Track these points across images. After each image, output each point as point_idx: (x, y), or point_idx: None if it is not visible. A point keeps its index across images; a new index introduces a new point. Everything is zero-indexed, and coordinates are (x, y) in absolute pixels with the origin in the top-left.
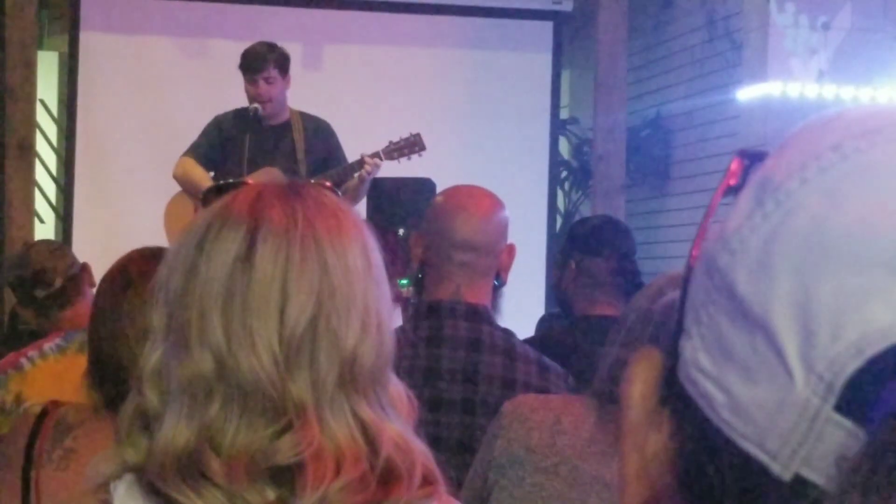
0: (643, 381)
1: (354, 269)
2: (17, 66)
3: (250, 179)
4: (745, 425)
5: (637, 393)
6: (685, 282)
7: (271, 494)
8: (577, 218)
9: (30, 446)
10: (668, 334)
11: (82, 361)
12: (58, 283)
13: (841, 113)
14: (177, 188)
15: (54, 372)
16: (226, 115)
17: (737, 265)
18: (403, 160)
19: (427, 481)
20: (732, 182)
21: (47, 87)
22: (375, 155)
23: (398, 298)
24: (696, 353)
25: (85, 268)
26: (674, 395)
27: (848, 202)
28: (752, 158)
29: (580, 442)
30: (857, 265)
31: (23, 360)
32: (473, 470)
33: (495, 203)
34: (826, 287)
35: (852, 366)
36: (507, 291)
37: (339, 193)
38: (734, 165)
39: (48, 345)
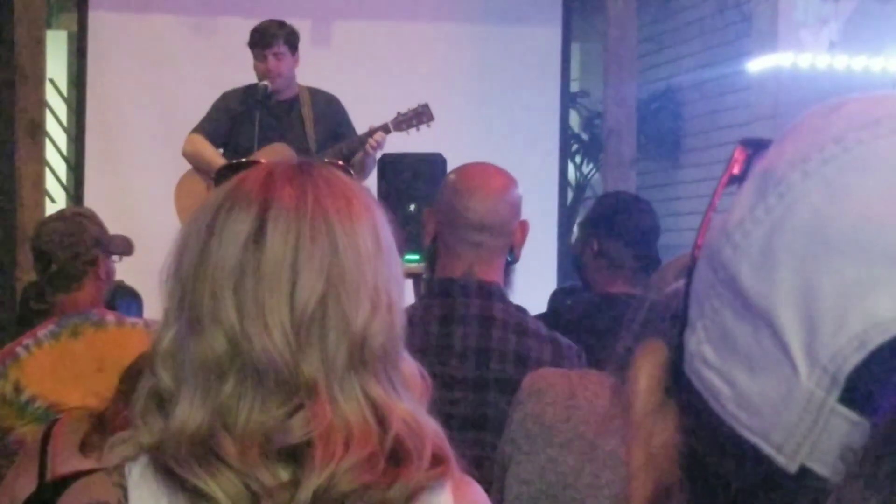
0: (649, 373)
1: (364, 249)
2: (26, 45)
3: (261, 155)
4: (750, 418)
5: (643, 385)
6: (689, 274)
7: (283, 474)
8: (588, 191)
9: (43, 450)
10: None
11: (75, 347)
12: (54, 266)
13: (843, 103)
14: (187, 166)
15: (50, 359)
16: (234, 91)
17: (740, 258)
18: (414, 134)
19: (438, 461)
20: (736, 171)
21: (57, 66)
22: (383, 126)
23: (409, 274)
24: (701, 346)
25: (98, 256)
26: (679, 387)
27: (850, 195)
28: (756, 147)
29: (595, 417)
30: (860, 258)
31: (19, 349)
32: (500, 444)
33: (508, 181)
34: (829, 280)
35: (856, 358)
36: (519, 266)
37: (352, 173)
38: (737, 154)
39: (42, 332)
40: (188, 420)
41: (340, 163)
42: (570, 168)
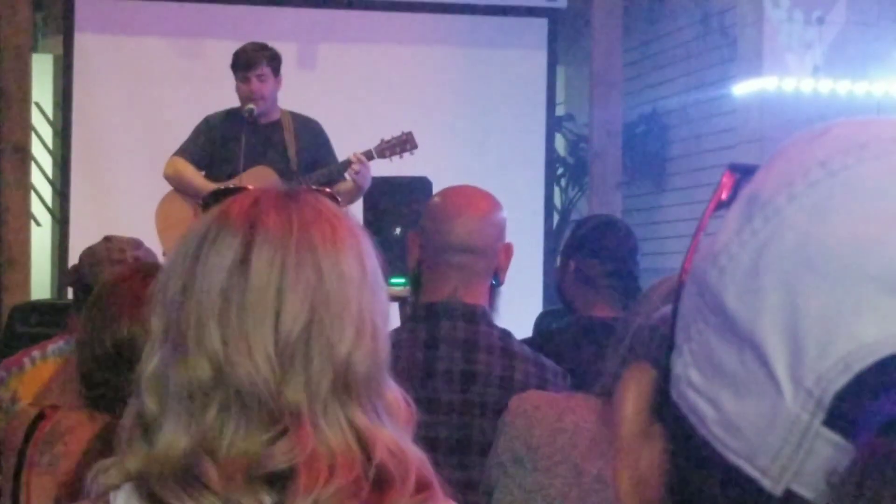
0: (636, 396)
1: (349, 276)
2: (11, 68)
3: (245, 178)
4: (735, 441)
5: (630, 408)
6: (676, 297)
7: (267, 500)
8: (574, 214)
9: (22, 450)
10: (660, 349)
11: None
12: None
13: (829, 128)
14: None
15: (52, 373)
16: (216, 115)
17: (726, 282)
18: (397, 159)
19: (423, 486)
20: (724, 196)
21: (42, 89)
22: (367, 153)
23: (395, 298)
24: (687, 369)
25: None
26: (666, 410)
27: (835, 218)
28: (744, 172)
29: (582, 441)
30: (845, 281)
31: (25, 360)
32: (486, 467)
33: (492, 204)
34: (814, 303)
35: (840, 381)
36: (505, 289)
37: (338, 200)
38: (725, 179)
39: (52, 346)
40: (172, 446)
41: (328, 190)
42: (556, 192)
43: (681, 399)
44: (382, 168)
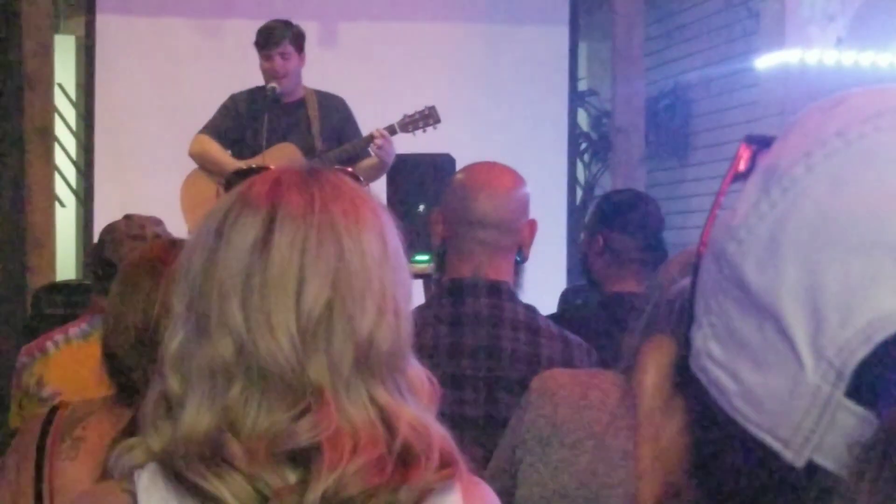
0: (656, 370)
1: (370, 255)
2: (34, 51)
3: (268, 155)
4: (757, 413)
5: (650, 382)
6: (695, 270)
7: (291, 477)
8: (597, 190)
9: (41, 442)
10: (680, 322)
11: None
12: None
13: (845, 97)
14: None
15: (76, 357)
16: (241, 93)
17: (745, 254)
18: (421, 135)
19: (446, 463)
20: (741, 168)
21: (65, 71)
22: (390, 128)
23: (419, 275)
24: (707, 342)
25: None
26: (686, 384)
27: (853, 188)
28: (760, 144)
29: (606, 417)
30: (864, 251)
31: (48, 344)
32: (502, 444)
33: (516, 179)
34: (833, 274)
35: (862, 352)
36: (529, 265)
37: (360, 179)
38: (742, 151)
39: (74, 329)
40: (196, 424)
41: (350, 169)
42: (579, 167)
43: (701, 372)
44: (406, 145)
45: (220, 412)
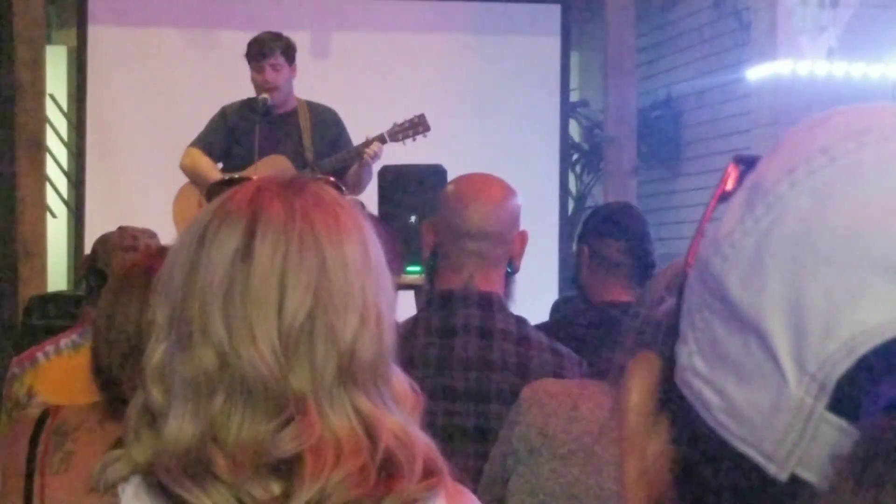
0: (641, 386)
1: (352, 264)
2: (25, 61)
3: (259, 167)
4: (740, 427)
5: (635, 398)
6: (681, 286)
7: (275, 488)
8: (589, 200)
9: (31, 454)
10: (666, 339)
11: None
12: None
13: (830, 115)
14: (187, 180)
15: (66, 368)
16: (232, 105)
17: (729, 269)
18: (413, 146)
19: (430, 472)
20: (728, 188)
21: (56, 81)
22: (379, 137)
23: (411, 286)
24: (692, 358)
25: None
26: (672, 399)
27: (836, 203)
28: (748, 164)
29: (597, 428)
30: (847, 265)
31: (39, 355)
32: (493, 454)
33: (507, 191)
34: (816, 288)
35: (844, 365)
36: (520, 276)
37: (343, 189)
38: (730, 170)
39: (64, 340)
40: (179, 436)
41: (332, 179)
42: (571, 178)
43: (686, 387)
44: (397, 156)
45: (203, 423)
